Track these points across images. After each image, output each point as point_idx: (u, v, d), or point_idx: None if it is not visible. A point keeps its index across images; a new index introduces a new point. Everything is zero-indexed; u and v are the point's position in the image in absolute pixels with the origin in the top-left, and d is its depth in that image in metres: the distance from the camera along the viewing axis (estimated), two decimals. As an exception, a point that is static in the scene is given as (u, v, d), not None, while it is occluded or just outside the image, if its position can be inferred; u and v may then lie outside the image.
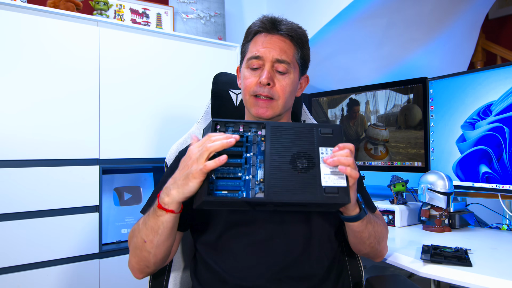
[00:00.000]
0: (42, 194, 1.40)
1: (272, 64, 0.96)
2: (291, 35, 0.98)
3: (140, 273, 0.90)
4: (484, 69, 1.40)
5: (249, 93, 0.98)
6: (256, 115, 0.98)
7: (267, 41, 0.97)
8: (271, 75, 0.96)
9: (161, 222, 0.80)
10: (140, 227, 0.85)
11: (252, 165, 0.77)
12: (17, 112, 1.38)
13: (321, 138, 0.80)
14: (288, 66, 0.97)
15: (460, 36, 2.72)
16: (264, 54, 0.96)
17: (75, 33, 1.50)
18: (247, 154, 0.78)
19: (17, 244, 1.35)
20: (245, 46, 1.02)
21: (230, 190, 0.74)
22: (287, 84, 0.97)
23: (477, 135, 1.40)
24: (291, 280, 0.88)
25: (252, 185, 0.75)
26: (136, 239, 0.86)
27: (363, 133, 1.85)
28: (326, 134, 0.81)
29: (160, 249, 0.85)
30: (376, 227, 0.93)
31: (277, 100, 0.97)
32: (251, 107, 0.98)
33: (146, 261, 0.87)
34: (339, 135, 0.82)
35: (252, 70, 0.98)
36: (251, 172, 0.76)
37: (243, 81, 1.00)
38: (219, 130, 0.80)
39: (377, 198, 1.66)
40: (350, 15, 2.09)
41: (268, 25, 0.98)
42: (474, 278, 0.88)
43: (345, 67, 2.43)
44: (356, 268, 1.08)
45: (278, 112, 0.98)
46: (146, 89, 1.65)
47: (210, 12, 2.21)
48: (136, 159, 1.63)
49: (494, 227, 1.47)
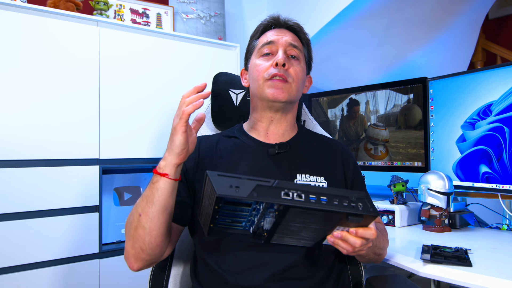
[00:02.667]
0: (42, 194, 1.40)
1: (285, 49, 0.98)
2: (299, 32, 1.03)
3: (135, 261, 0.85)
4: (484, 69, 1.40)
5: (263, 77, 0.96)
6: (272, 98, 0.95)
7: (277, 31, 1.01)
8: (286, 57, 0.97)
9: (156, 189, 0.80)
10: (136, 203, 0.85)
11: (260, 213, 0.70)
12: (17, 112, 1.38)
13: (346, 222, 0.72)
14: (300, 52, 1.00)
15: (460, 36, 2.72)
16: (277, 39, 0.99)
17: (75, 33, 1.50)
18: (257, 205, 0.69)
19: (17, 244, 1.35)
20: (253, 43, 1.03)
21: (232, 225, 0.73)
22: (299, 70, 0.99)
23: (477, 135, 1.40)
24: (291, 280, 0.88)
25: (255, 227, 0.73)
26: (133, 217, 0.84)
27: (363, 133, 1.85)
28: (355, 220, 0.72)
29: (155, 223, 0.81)
30: (375, 246, 0.91)
31: (292, 83, 0.96)
32: (267, 89, 0.95)
33: (141, 242, 0.83)
34: (369, 221, 0.74)
35: (264, 57, 0.99)
36: (257, 217, 0.71)
37: (255, 70, 0.99)
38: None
39: (377, 198, 1.66)
40: (350, 15, 2.09)
41: (277, 21, 1.02)
42: (474, 278, 0.88)
43: (345, 67, 2.43)
44: (356, 268, 1.08)
45: (292, 97, 0.97)
46: (146, 89, 1.65)
47: (210, 12, 2.21)
48: (136, 159, 1.63)
49: (494, 227, 1.47)
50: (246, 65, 1.06)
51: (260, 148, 0.99)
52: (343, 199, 0.70)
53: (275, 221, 0.71)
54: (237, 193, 0.65)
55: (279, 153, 0.98)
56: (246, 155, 0.98)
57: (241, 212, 0.70)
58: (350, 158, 1.05)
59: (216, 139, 1.02)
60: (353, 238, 0.73)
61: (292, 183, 0.70)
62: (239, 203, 0.67)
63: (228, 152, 0.98)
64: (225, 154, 0.98)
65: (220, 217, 0.70)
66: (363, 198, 0.71)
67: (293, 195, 0.68)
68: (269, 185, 0.68)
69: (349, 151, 1.08)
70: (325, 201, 0.69)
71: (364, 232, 0.73)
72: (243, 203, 0.68)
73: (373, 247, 0.90)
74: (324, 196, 0.69)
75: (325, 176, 0.97)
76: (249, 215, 0.71)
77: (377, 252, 0.94)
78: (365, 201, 0.71)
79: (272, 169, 0.96)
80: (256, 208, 0.69)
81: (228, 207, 0.68)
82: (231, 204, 0.68)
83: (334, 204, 0.69)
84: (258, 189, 0.67)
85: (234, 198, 0.65)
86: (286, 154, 0.99)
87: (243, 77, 1.08)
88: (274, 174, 0.95)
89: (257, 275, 0.87)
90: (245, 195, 0.65)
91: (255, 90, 0.99)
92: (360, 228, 0.73)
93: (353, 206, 0.70)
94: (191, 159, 0.94)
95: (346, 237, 0.73)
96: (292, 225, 0.72)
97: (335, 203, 0.69)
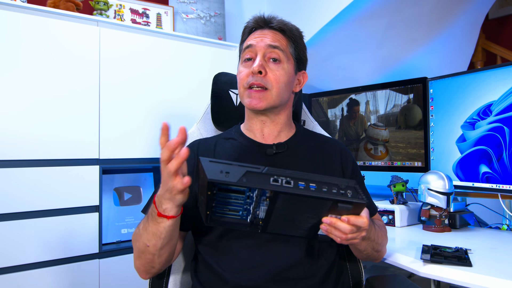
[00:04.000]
0: (42, 194, 1.40)
1: (264, 53, 0.96)
2: (283, 29, 0.99)
3: (146, 274, 0.90)
4: (484, 69, 1.40)
5: (243, 85, 0.97)
6: (250, 107, 0.96)
7: (259, 33, 0.99)
8: (263, 63, 0.95)
9: (163, 228, 0.79)
10: (140, 232, 0.84)
11: (254, 201, 0.71)
12: (17, 112, 1.38)
13: (337, 209, 0.73)
14: (282, 53, 0.96)
15: (460, 36, 2.72)
16: (256, 42, 0.97)
17: (75, 33, 1.50)
18: (249, 193, 0.70)
19: (17, 244, 1.35)
20: (240, 47, 1.03)
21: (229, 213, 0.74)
22: (280, 74, 0.96)
23: (477, 135, 1.40)
24: (291, 280, 0.88)
25: (251, 217, 0.73)
26: (139, 244, 0.85)
27: (363, 133, 1.85)
28: (344, 207, 0.72)
29: (164, 251, 0.85)
30: (373, 241, 0.91)
31: (271, 90, 0.95)
32: (245, 99, 0.97)
33: (151, 263, 0.87)
34: (359, 208, 0.74)
35: (245, 62, 0.98)
36: (252, 206, 0.72)
37: (238, 77, 1.00)
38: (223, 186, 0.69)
39: (377, 198, 1.66)
40: (350, 15, 2.08)
41: (260, 22, 1.00)
42: (474, 278, 0.88)
43: (345, 67, 2.43)
44: (356, 268, 1.08)
45: (272, 103, 0.96)
46: (146, 89, 1.65)
47: (210, 12, 2.21)
48: (136, 159, 1.63)
49: (494, 227, 1.47)
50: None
51: (258, 149, 0.99)
52: (332, 186, 0.71)
53: (268, 208, 0.71)
54: (227, 178, 0.66)
55: (277, 153, 0.98)
56: (244, 156, 0.98)
57: (236, 200, 0.71)
58: (348, 157, 1.05)
59: (214, 142, 1.02)
60: (343, 224, 0.73)
61: (282, 170, 0.70)
62: (232, 190, 0.68)
63: (226, 154, 0.98)
64: (223, 156, 0.98)
65: (217, 205, 0.71)
66: (353, 186, 0.72)
67: (282, 181, 0.69)
68: (259, 172, 0.69)
69: (348, 150, 1.08)
70: (314, 188, 0.70)
71: (356, 220, 0.73)
72: (236, 190, 0.68)
73: (371, 242, 0.90)
74: (314, 183, 0.70)
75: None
76: (244, 204, 0.71)
77: (375, 247, 0.94)
78: (354, 188, 0.72)
79: None
80: (250, 196, 0.70)
81: (222, 195, 0.69)
82: (224, 192, 0.68)
83: (323, 191, 0.70)
84: (247, 175, 0.68)
85: (224, 183, 0.66)
86: (284, 154, 0.99)
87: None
88: None
89: (257, 275, 0.87)
90: (235, 180, 0.66)
91: (239, 95, 1.00)
92: (351, 215, 0.73)
93: (342, 193, 0.71)
94: (190, 165, 0.94)
95: (335, 224, 0.73)
96: (285, 213, 0.72)
97: (324, 190, 0.70)
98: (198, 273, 0.96)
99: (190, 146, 1.02)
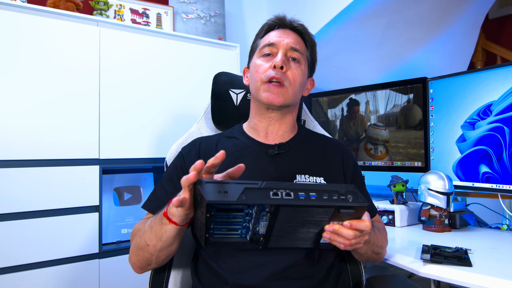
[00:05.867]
0: (42, 194, 1.40)
1: (285, 52, 0.97)
2: (303, 34, 1.02)
3: (140, 270, 0.91)
4: (484, 69, 1.40)
5: (261, 79, 0.97)
6: (267, 102, 0.96)
7: (281, 32, 1.00)
8: (285, 60, 0.96)
9: (165, 231, 0.79)
10: (145, 229, 0.84)
11: (254, 218, 0.69)
12: (17, 112, 1.38)
13: (339, 216, 0.72)
14: (301, 55, 0.99)
15: (460, 36, 2.72)
16: (278, 41, 0.98)
17: (75, 33, 1.50)
18: (248, 209, 0.68)
19: (17, 244, 1.35)
20: (257, 42, 1.04)
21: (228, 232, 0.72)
22: (298, 73, 0.98)
23: (477, 135, 1.40)
24: (291, 280, 0.88)
25: (251, 234, 0.72)
26: (140, 240, 0.85)
27: (363, 133, 1.85)
28: (347, 213, 0.72)
29: (163, 253, 0.85)
30: (373, 244, 0.91)
31: (288, 87, 0.96)
32: (262, 93, 0.96)
33: (148, 261, 0.87)
34: (361, 212, 0.73)
35: (264, 57, 0.99)
36: (251, 223, 0.69)
37: (254, 70, 0.99)
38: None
39: (377, 198, 1.66)
40: (350, 15, 2.09)
41: (282, 21, 1.02)
42: (474, 278, 0.88)
43: (345, 67, 2.43)
44: (356, 268, 1.08)
45: (289, 101, 0.97)
46: (146, 89, 1.65)
47: (210, 12, 2.21)
48: (136, 159, 1.63)
49: (494, 227, 1.47)
50: (249, 63, 1.06)
51: (260, 149, 0.99)
52: (332, 193, 0.70)
53: (268, 223, 0.70)
54: (227, 198, 0.64)
55: (279, 153, 0.98)
56: (245, 156, 0.98)
57: (234, 219, 0.69)
58: (350, 157, 1.05)
59: (216, 140, 1.02)
60: (346, 230, 0.73)
61: (280, 183, 0.69)
62: (230, 209, 0.66)
63: (227, 153, 0.98)
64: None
65: (215, 227, 0.69)
66: (353, 190, 0.71)
67: (282, 194, 0.67)
68: (257, 187, 0.67)
69: (349, 150, 1.08)
70: (314, 197, 0.69)
71: (358, 224, 0.73)
72: (235, 209, 0.66)
73: (371, 245, 0.90)
74: (313, 192, 0.69)
75: (325, 177, 0.97)
76: (243, 221, 0.69)
77: (376, 250, 0.94)
78: (354, 192, 0.71)
79: (271, 170, 0.96)
80: (249, 212, 0.68)
81: (221, 215, 0.67)
82: (223, 212, 0.66)
83: (324, 199, 0.69)
84: (246, 192, 0.66)
85: (224, 203, 0.64)
86: (285, 154, 0.99)
87: (245, 75, 1.08)
88: (273, 175, 0.95)
89: (257, 275, 0.87)
90: (234, 199, 0.64)
91: (253, 90, 1.00)
92: (354, 220, 0.73)
93: (343, 199, 0.70)
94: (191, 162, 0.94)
95: (338, 231, 0.73)
96: (286, 225, 0.71)
97: (325, 198, 0.69)
98: (199, 273, 0.96)
99: (193, 143, 1.03)
